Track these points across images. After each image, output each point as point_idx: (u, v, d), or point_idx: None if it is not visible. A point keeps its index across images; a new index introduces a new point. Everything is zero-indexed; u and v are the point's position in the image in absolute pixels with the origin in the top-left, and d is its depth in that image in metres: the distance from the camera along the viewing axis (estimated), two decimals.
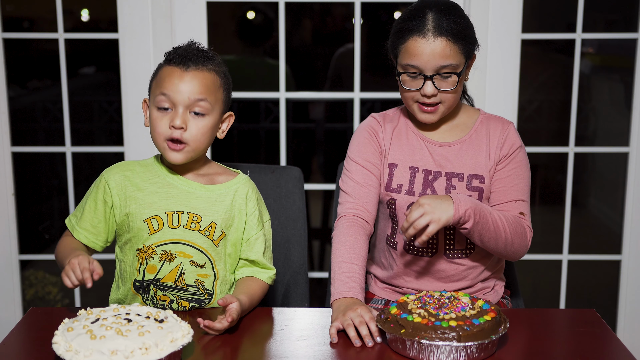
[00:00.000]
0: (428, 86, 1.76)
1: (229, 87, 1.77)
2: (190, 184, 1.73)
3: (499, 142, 1.84)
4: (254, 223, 1.76)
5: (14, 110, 2.85)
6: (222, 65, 1.76)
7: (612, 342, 1.57)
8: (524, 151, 1.87)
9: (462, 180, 1.83)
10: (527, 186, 1.86)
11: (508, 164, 1.84)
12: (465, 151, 1.85)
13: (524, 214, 1.83)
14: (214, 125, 1.71)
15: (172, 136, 1.66)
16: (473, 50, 1.80)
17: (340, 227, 1.81)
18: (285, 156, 2.82)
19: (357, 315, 1.56)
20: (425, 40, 1.73)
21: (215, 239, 1.71)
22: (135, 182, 1.73)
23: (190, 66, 1.68)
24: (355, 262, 1.73)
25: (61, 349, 1.33)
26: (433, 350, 1.42)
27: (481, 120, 1.88)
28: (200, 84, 1.67)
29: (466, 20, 1.78)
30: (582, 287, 3.35)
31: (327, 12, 4.25)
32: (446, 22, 1.73)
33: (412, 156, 1.86)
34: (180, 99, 1.66)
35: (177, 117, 1.66)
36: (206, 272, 1.72)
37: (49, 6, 2.68)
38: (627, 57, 2.93)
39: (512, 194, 1.83)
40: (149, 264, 1.70)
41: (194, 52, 1.70)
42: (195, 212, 1.71)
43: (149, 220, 1.69)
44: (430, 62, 1.74)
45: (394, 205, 1.86)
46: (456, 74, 1.76)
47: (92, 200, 1.75)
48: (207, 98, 1.68)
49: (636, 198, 2.82)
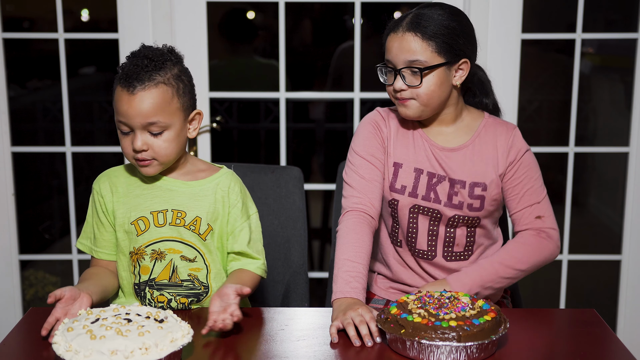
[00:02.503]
0: (398, 80, 1.78)
1: (185, 89, 1.69)
2: (173, 182, 1.74)
3: (505, 149, 1.84)
4: (237, 215, 1.76)
5: (14, 110, 2.85)
6: (175, 65, 1.68)
7: (612, 342, 1.57)
8: (530, 153, 1.88)
9: (464, 187, 1.83)
10: (540, 186, 1.87)
11: (517, 169, 1.85)
12: (469, 158, 1.84)
13: (542, 216, 1.85)
14: (178, 133, 1.68)
15: (137, 157, 1.67)
16: (457, 55, 1.79)
17: (347, 223, 1.81)
18: (285, 156, 2.82)
19: (357, 314, 1.56)
20: (396, 34, 1.78)
21: (202, 232, 1.72)
22: (121, 187, 1.75)
23: (136, 87, 1.61)
24: (360, 262, 1.73)
25: (61, 349, 1.33)
26: (433, 350, 1.42)
27: (485, 125, 1.88)
28: (149, 105, 1.62)
29: (455, 23, 1.78)
30: (582, 287, 3.36)
31: (325, 11, 4.25)
32: (423, 20, 1.76)
33: (416, 157, 1.86)
34: (134, 124, 1.63)
35: (136, 140, 1.64)
36: (198, 265, 1.73)
37: (49, 6, 2.68)
38: (627, 57, 2.93)
39: (526, 199, 1.85)
40: (141, 266, 1.71)
41: (139, 66, 1.63)
42: (179, 209, 1.72)
43: (135, 222, 1.71)
44: (398, 55, 1.77)
45: (396, 205, 1.87)
46: (424, 69, 1.75)
47: (95, 216, 1.77)
48: (160, 117, 1.64)
49: (636, 198, 2.82)
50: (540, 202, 1.85)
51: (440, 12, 1.78)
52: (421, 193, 1.85)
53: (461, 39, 1.78)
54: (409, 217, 1.87)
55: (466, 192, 1.83)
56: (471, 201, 1.83)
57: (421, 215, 1.86)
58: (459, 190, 1.83)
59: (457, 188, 1.83)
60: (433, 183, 1.84)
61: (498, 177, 1.84)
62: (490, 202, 1.85)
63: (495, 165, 1.84)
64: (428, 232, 1.87)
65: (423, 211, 1.86)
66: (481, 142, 1.86)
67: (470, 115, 1.90)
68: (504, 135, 1.86)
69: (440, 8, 1.79)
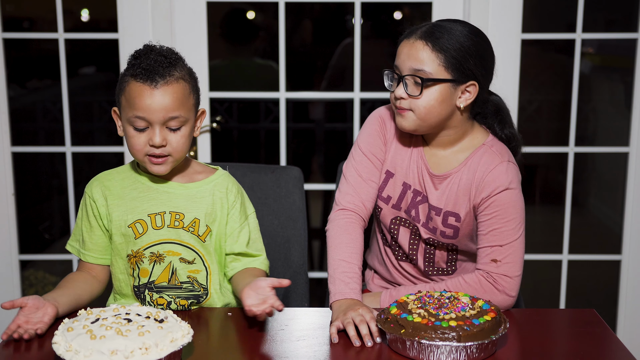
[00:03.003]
0: (400, 87, 1.73)
1: (196, 85, 1.72)
2: (170, 185, 1.74)
3: (479, 183, 1.73)
4: (236, 216, 1.76)
5: (14, 110, 2.85)
6: (184, 65, 1.70)
7: (612, 342, 1.57)
8: (511, 192, 1.72)
9: (439, 215, 1.79)
10: (511, 229, 1.71)
11: (488, 206, 1.73)
12: (450, 187, 1.78)
13: (498, 260, 1.71)
14: (191, 130, 1.70)
15: (154, 153, 1.65)
16: (466, 75, 1.71)
17: (339, 222, 1.82)
18: (285, 156, 2.82)
19: (357, 314, 1.56)
20: (408, 41, 1.72)
21: (201, 234, 1.72)
22: (116, 190, 1.74)
23: (158, 82, 1.62)
24: (354, 262, 1.74)
25: (61, 349, 1.34)
26: (433, 350, 1.42)
27: (478, 152, 1.77)
28: (172, 99, 1.63)
29: (470, 43, 1.70)
30: (582, 287, 3.35)
31: (326, 11, 4.25)
32: (437, 31, 1.69)
33: (408, 172, 1.83)
34: (155, 119, 1.63)
35: (155, 136, 1.63)
36: (197, 267, 1.72)
37: (49, 6, 2.68)
38: (627, 57, 2.93)
39: (487, 239, 1.73)
40: (140, 268, 1.71)
41: (157, 62, 1.63)
42: (177, 211, 1.71)
43: (133, 225, 1.70)
44: (405, 61, 1.72)
45: (379, 212, 1.88)
46: (426, 80, 1.69)
47: (85, 220, 1.76)
48: (181, 111, 1.64)
49: (636, 198, 2.82)
50: (503, 246, 1.71)
51: (460, 28, 1.72)
52: (404, 207, 1.84)
53: (473, 59, 1.70)
54: (390, 226, 1.88)
55: (440, 219, 1.79)
56: (444, 229, 1.79)
57: (402, 227, 1.86)
58: (433, 217, 1.80)
59: (432, 214, 1.80)
60: (417, 201, 1.82)
61: (472, 210, 1.76)
62: (465, 233, 1.79)
63: (472, 197, 1.75)
64: (409, 243, 1.87)
65: (404, 223, 1.86)
66: (467, 171, 1.76)
67: (471, 141, 1.80)
68: (487, 166, 1.73)
69: (462, 25, 1.73)
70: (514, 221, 1.72)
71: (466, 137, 1.80)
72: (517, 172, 1.76)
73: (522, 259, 1.74)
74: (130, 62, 1.67)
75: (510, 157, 1.77)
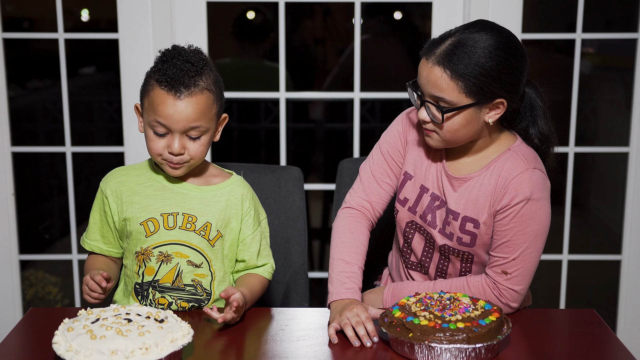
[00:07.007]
0: (422, 111, 1.66)
1: (221, 93, 1.71)
2: (185, 186, 1.74)
3: (502, 189, 1.66)
4: (250, 223, 1.77)
5: (14, 110, 2.85)
6: (211, 70, 1.69)
7: (612, 342, 1.57)
8: (533, 204, 1.64)
9: (457, 220, 1.72)
10: (527, 242, 1.65)
11: (505, 216, 1.66)
12: (470, 190, 1.71)
13: (509, 273, 1.67)
14: (211, 138, 1.70)
15: (172, 160, 1.66)
16: (490, 97, 1.61)
17: (343, 220, 1.81)
18: (285, 156, 2.82)
19: (353, 315, 1.56)
20: (427, 63, 1.62)
21: (211, 238, 1.72)
22: (131, 186, 1.74)
23: (182, 92, 1.61)
24: (354, 261, 1.74)
25: (61, 349, 1.33)
26: (443, 352, 1.41)
27: (502, 156, 1.69)
28: (195, 110, 1.62)
29: (494, 62, 1.59)
30: (582, 287, 3.35)
31: (327, 12, 4.25)
32: (457, 53, 1.58)
33: (426, 174, 1.77)
34: (176, 127, 1.63)
35: (174, 143, 1.64)
36: (203, 271, 1.72)
37: (49, 6, 2.68)
38: (627, 57, 2.93)
39: (501, 249, 1.67)
40: (147, 266, 1.71)
41: (183, 70, 1.62)
42: (190, 213, 1.71)
43: (145, 223, 1.70)
44: (425, 86, 1.64)
45: (396, 214, 1.86)
46: (446, 110, 1.61)
47: (97, 212, 1.78)
48: (202, 122, 1.64)
49: (636, 198, 2.82)
50: (516, 259, 1.66)
51: (484, 43, 1.59)
52: (420, 211, 1.79)
53: (496, 82, 1.59)
54: (405, 229, 1.84)
55: (457, 224, 1.72)
56: (461, 235, 1.73)
57: (418, 233, 1.82)
58: (451, 222, 1.73)
59: (450, 219, 1.73)
60: (435, 206, 1.76)
61: (491, 216, 1.69)
62: (483, 242, 1.72)
63: (492, 202, 1.68)
64: (423, 251, 1.83)
65: (420, 230, 1.81)
66: (490, 176, 1.69)
67: (497, 146, 1.72)
68: (510, 172, 1.66)
69: (487, 34, 1.60)
70: (531, 234, 1.65)
71: (493, 144, 1.73)
72: (543, 179, 1.67)
73: (533, 272, 1.70)
74: (156, 65, 1.67)
75: (537, 163, 1.69)
